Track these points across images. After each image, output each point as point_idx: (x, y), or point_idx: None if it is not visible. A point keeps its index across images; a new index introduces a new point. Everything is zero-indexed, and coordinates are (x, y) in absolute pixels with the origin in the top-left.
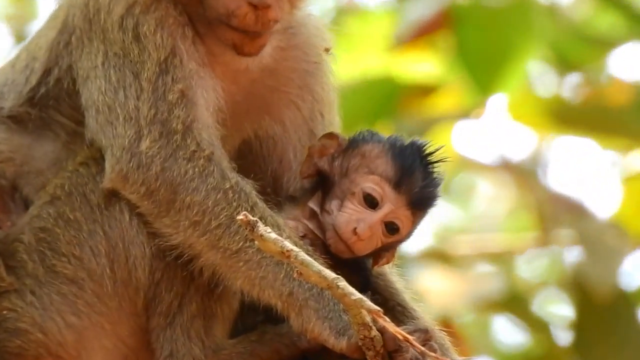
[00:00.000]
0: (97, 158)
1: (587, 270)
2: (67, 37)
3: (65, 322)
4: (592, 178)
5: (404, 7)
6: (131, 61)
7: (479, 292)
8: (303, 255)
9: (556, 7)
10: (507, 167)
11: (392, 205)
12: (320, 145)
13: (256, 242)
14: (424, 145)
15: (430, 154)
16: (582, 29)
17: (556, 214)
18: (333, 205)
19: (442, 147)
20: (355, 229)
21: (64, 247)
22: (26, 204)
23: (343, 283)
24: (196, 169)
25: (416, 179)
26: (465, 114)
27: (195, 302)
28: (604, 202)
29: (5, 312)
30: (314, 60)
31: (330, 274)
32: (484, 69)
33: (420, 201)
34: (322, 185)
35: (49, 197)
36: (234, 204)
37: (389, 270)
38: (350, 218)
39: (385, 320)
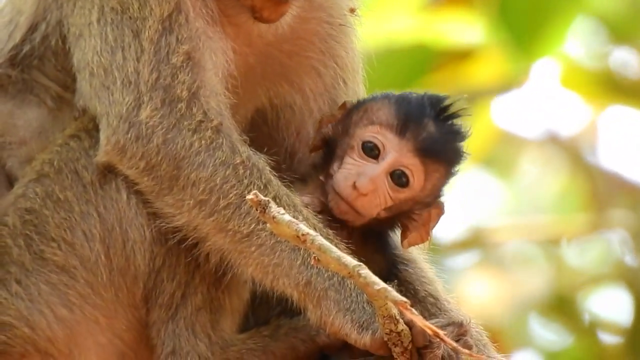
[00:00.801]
0: (90, 129)
1: None
2: None
3: (55, 315)
4: None
5: None
6: (130, 17)
7: (522, 289)
8: (321, 239)
9: None
10: (555, 142)
11: (395, 152)
12: (329, 115)
13: (268, 224)
14: (438, 97)
15: (445, 104)
16: None
17: (610, 195)
18: (335, 166)
19: (461, 98)
20: (354, 183)
21: (53, 230)
22: (9, 180)
23: (365, 271)
24: (202, 142)
25: (425, 126)
26: (507, 82)
27: (201, 292)
28: None
29: None
30: (337, 22)
31: (351, 260)
32: (528, 30)
33: (431, 148)
34: (329, 153)
35: (36, 175)
36: (245, 181)
37: (420, 257)
38: (349, 172)
39: (413, 313)
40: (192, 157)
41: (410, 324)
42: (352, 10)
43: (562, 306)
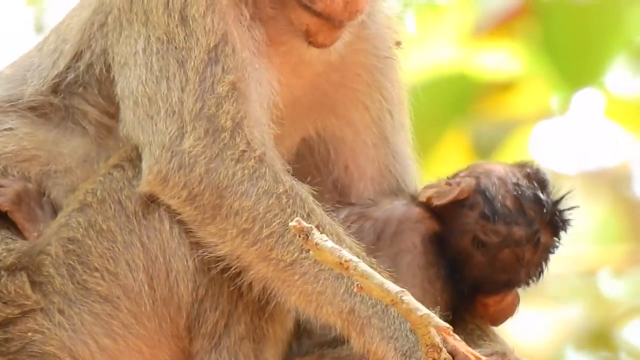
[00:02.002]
0: (133, 159)
1: None
2: (102, 17)
3: (98, 346)
4: None
5: None
6: (176, 47)
7: (562, 320)
8: (363, 266)
9: None
10: (596, 174)
11: None
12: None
13: (311, 251)
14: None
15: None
16: None
17: None
18: None
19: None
20: None
21: (97, 260)
22: (55, 208)
23: (408, 297)
24: (245, 171)
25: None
26: (548, 113)
27: (244, 322)
28: None
29: (30, 333)
30: (384, 54)
31: (394, 286)
32: (571, 61)
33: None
34: None
35: (79, 204)
36: (288, 210)
37: None
38: None
39: (456, 339)
40: (235, 186)
41: (453, 352)
42: (398, 43)
43: (599, 338)
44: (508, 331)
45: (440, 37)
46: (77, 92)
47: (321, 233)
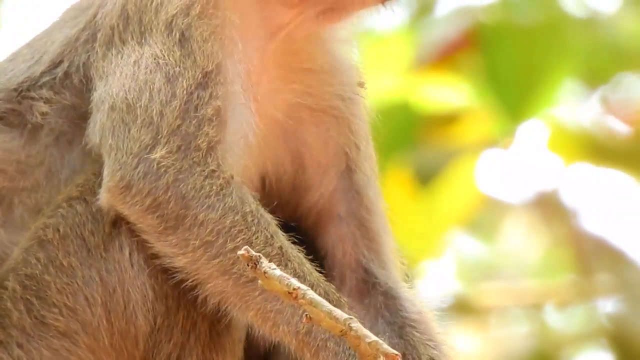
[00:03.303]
0: (96, 190)
1: (629, 323)
2: (90, 34)
3: None
4: (633, 220)
5: (423, 27)
6: (167, 64)
7: (505, 351)
8: (312, 294)
9: (594, 21)
10: (539, 205)
11: None
12: None
13: (260, 280)
14: None
15: None
16: (626, 46)
17: (593, 259)
18: None
19: None
20: None
21: (55, 296)
22: (17, 226)
23: (357, 324)
24: (214, 187)
25: None
26: (492, 144)
27: (196, 354)
28: None
29: None
30: (350, 91)
31: (342, 314)
32: (515, 92)
33: None
34: None
35: (38, 239)
36: (253, 228)
37: (431, 317)
38: None
39: None
40: (202, 198)
41: None
42: (361, 84)
43: None
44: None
45: (383, 67)
46: (48, 97)
47: (283, 257)
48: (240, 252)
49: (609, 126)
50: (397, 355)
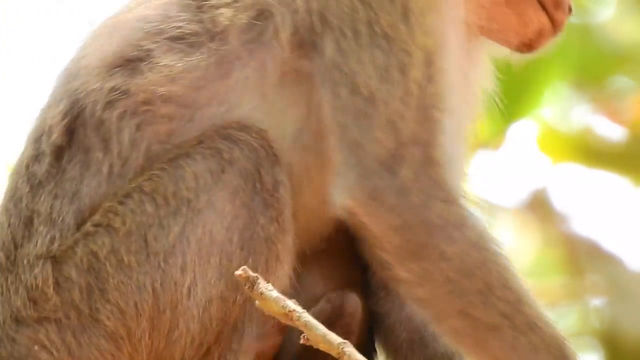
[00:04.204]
0: (168, 197)
1: (619, 323)
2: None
3: None
4: (623, 222)
5: None
6: (398, 48)
7: None
8: (307, 316)
9: (587, 24)
10: (530, 206)
11: None
12: None
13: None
14: None
15: None
16: (618, 49)
17: (584, 259)
18: None
19: None
20: None
21: (111, 292)
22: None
23: (350, 349)
24: (455, 216)
25: None
26: (482, 145)
27: None
28: (636, 249)
29: (36, 346)
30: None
31: (336, 337)
32: (505, 93)
33: None
34: None
35: (107, 221)
36: (493, 268)
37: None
38: None
39: None
40: (446, 229)
41: None
42: None
43: None
44: None
45: None
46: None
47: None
48: (237, 272)
49: (600, 128)
50: None
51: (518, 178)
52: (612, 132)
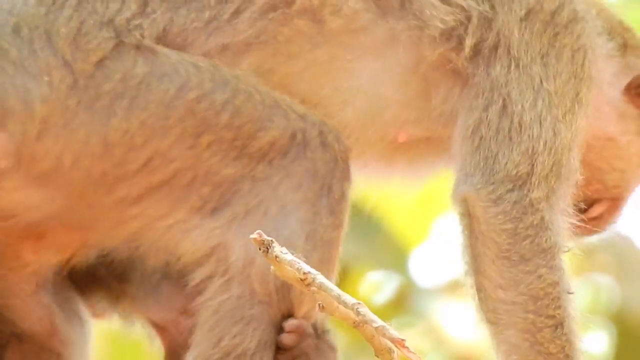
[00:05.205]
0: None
1: (629, 302)
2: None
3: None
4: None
5: None
6: (547, 88)
7: None
8: (322, 278)
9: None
10: None
11: None
12: None
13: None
14: None
15: None
16: None
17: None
18: None
19: None
20: None
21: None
22: None
23: (364, 309)
24: (555, 252)
25: None
26: None
27: None
28: None
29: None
30: None
31: (350, 299)
32: None
33: None
34: None
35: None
36: (570, 311)
37: None
38: None
39: (410, 351)
40: (549, 255)
41: None
42: None
43: None
44: (445, 328)
45: None
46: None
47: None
48: (252, 236)
49: None
50: (403, 340)
51: None
52: None
